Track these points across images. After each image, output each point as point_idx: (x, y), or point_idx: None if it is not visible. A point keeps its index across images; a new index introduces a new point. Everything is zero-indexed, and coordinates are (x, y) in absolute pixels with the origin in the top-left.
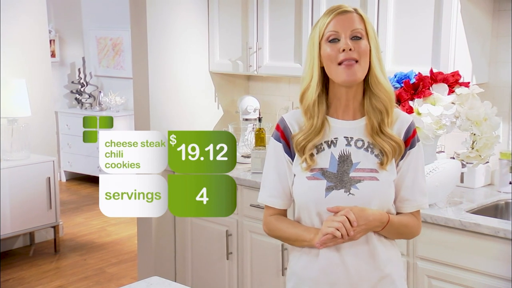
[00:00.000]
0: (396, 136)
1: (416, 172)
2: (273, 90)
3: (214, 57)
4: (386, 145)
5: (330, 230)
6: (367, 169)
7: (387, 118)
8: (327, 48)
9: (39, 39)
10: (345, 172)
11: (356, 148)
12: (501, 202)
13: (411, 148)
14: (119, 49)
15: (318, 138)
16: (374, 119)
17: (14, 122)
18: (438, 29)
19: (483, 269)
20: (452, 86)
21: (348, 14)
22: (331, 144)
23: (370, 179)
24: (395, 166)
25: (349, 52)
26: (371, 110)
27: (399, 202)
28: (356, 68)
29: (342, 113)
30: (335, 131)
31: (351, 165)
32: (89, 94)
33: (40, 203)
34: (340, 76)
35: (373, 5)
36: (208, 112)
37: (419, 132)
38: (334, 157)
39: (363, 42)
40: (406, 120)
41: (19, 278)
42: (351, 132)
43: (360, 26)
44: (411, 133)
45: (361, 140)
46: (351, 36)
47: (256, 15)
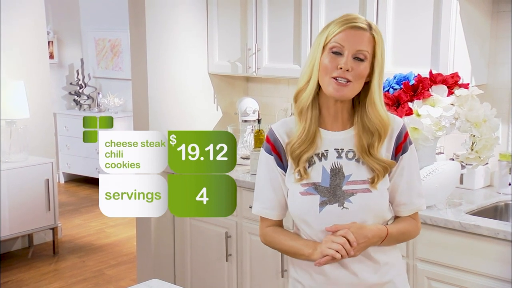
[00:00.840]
0: (385, 160)
1: (411, 175)
2: (272, 91)
3: (213, 58)
4: (376, 165)
5: (330, 252)
6: (360, 181)
7: (378, 143)
8: (327, 58)
9: (38, 41)
10: (337, 186)
11: (347, 160)
12: (501, 203)
13: (403, 153)
14: (117, 51)
15: (312, 148)
16: (364, 139)
17: (13, 124)
18: (437, 31)
19: (483, 271)
20: (451, 88)
21: (360, 31)
22: (322, 157)
23: (363, 191)
24: (387, 176)
25: (345, 72)
26: (361, 128)
27: (396, 206)
28: (347, 87)
29: (331, 123)
30: (325, 142)
31: (343, 178)
32: (88, 95)
33: (39, 205)
34: (329, 88)
35: (372, 6)
36: (207, 114)
37: (418, 133)
38: (326, 171)
39: (364, 65)
40: (396, 125)
41: (17, 280)
42: (341, 143)
43: (367, 48)
44: (403, 138)
45: (351, 151)
46: (354, 56)
47: (255, 17)
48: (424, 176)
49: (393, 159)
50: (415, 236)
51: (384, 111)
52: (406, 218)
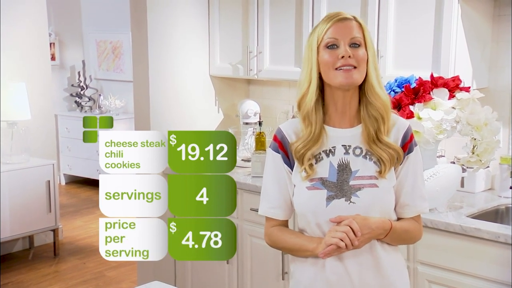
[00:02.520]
0: (393, 144)
1: (415, 177)
2: (273, 94)
3: (214, 61)
4: (383, 154)
5: (334, 241)
6: (367, 176)
7: (383, 126)
8: (325, 54)
9: (39, 42)
10: (344, 181)
11: (354, 156)
12: (502, 207)
13: (409, 153)
14: (119, 52)
15: (316, 147)
16: (371, 126)
17: (14, 125)
18: (439, 34)
19: (484, 274)
20: (452, 91)
21: (347, 21)
22: (329, 153)
23: (370, 186)
24: (394, 173)
25: (348, 59)
26: (367, 118)
27: (399, 208)
28: (354, 72)
29: (339, 121)
30: (333, 139)
31: (350, 173)
32: (89, 97)
33: (40, 206)
34: (338, 78)
35: (374, 9)
36: (209, 116)
37: (419, 136)
38: (333, 166)
39: (361, 50)
40: (402, 126)
41: (18, 281)
42: (349, 140)
43: (358, 35)
44: (409, 138)
45: (359, 148)
46: (350, 44)
47: (256, 19)
48: (425, 179)
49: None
50: (418, 239)
51: (384, 92)
52: (409, 219)
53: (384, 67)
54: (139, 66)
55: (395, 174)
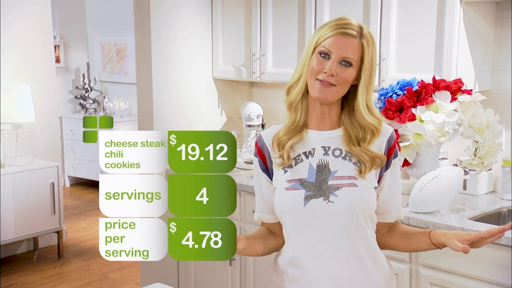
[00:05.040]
0: (375, 152)
1: (399, 182)
2: (276, 96)
3: (217, 63)
4: (363, 155)
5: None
6: (346, 176)
7: (371, 138)
8: (315, 60)
9: (44, 45)
10: (323, 181)
11: (333, 157)
12: (504, 209)
13: (395, 157)
14: (123, 55)
15: (297, 138)
16: (352, 132)
17: (19, 128)
18: (441, 37)
19: (485, 276)
20: (454, 94)
21: (349, 38)
22: (309, 155)
23: (349, 186)
24: (374, 176)
25: (329, 76)
26: (349, 124)
27: (386, 213)
28: (331, 90)
29: (318, 124)
30: (312, 141)
31: (329, 173)
32: (93, 99)
33: (44, 208)
34: (314, 90)
35: (376, 12)
36: (212, 118)
37: (421, 139)
38: (312, 167)
39: (349, 71)
40: (385, 133)
41: (22, 283)
42: (328, 142)
43: (353, 56)
44: (392, 143)
45: (338, 149)
46: (341, 61)
47: (259, 22)
48: (427, 181)
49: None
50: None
51: (373, 115)
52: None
53: (386, 70)
54: (142, 69)
55: (379, 178)
